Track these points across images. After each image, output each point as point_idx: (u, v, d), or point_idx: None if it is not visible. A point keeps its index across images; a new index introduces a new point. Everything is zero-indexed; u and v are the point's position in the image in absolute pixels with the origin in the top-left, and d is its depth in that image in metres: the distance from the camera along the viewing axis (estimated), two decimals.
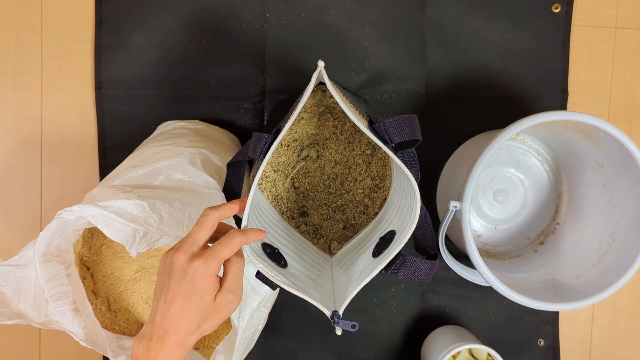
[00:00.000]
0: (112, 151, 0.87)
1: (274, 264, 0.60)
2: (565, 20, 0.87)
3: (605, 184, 0.76)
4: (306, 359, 0.89)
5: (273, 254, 0.62)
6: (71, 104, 0.88)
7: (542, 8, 0.87)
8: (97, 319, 0.69)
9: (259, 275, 0.56)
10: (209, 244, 0.52)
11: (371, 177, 0.78)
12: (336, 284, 0.66)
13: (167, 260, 0.50)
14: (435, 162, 0.86)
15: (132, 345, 0.49)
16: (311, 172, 0.78)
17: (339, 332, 0.57)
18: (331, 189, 0.78)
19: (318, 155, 0.78)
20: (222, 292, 0.50)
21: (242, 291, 0.52)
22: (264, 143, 0.58)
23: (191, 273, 0.48)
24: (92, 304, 0.72)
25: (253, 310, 0.69)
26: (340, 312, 0.58)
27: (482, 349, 0.78)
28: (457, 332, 0.84)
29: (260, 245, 0.61)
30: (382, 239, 0.65)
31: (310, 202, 0.78)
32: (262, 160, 0.57)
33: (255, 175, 0.57)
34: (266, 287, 0.69)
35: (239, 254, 0.53)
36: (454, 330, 0.85)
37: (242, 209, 0.55)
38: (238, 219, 0.62)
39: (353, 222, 0.78)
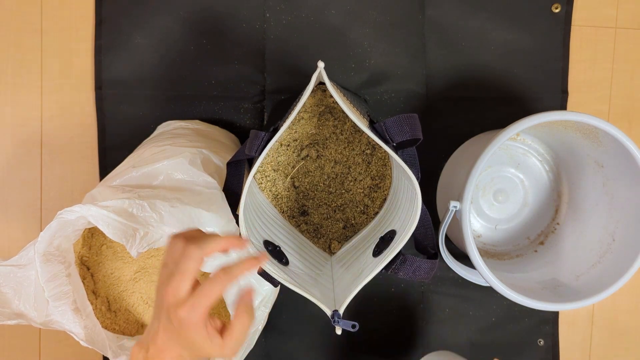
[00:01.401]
0: (112, 151, 0.87)
1: (275, 261, 0.60)
2: (565, 20, 0.87)
3: (605, 184, 0.76)
4: (306, 359, 0.89)
5: (275, 252, 0.62)
6: (71, 104, 0.88)
7: (542, 8, 0.87)
8: (97, 319, 0.69)
9: (261, 271, 0.56)
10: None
11: (371, 177, 0.78)
12: (336, 283, 0.66)
13: (159, 292, 0.48)
14: (435, 162, 0.86)
15: (133, 350, 0.49)
16: (311, 171, 0.78)
17: (338, 331, 0.57)
18: (331, 189, 0.78)
19: (318, 155, 0.78)
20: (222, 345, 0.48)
21: (239, 348, 0.50)
22: (260, 140, 0.58)
23: (177, 323, 0.46)
24: (92, 304, 0.72)
25: None
26: (341, 311, 0.58)
27: None
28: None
29: (262, 243, 0.61)
30: (382, 238, 0.65)
31: (311, 201, 0.78)
32: (259, 157, 0.57)
33: (249, 171, 0.57)
34: (267, 287, 0.69)
35: (247, 308, 0.49)
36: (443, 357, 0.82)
37: (232, 246, 0.50)
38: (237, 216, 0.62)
39: (353, 221, 0.78)
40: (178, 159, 0.67)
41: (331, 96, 0.77)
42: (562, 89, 0.88)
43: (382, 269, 0.60)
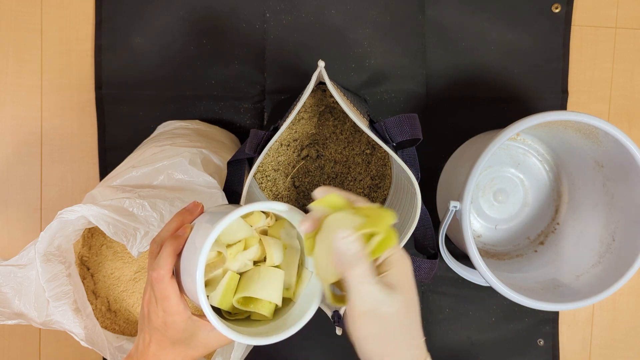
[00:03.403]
0: (112, 151, 0.87)
1: None
2: (565, 20, 0.87)
3: (605, 184, 0.76)
4: (306, 359, 0.89)
5: None
6: (71, 104, 0.88)
7: (542, 8, 0.87)
8: (97, 319, 0.69)
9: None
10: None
11: (371, 177, 0.78)
12: None
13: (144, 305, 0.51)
14: (435, 162, 0.86)
15: None
16: (311, 171, 0.78)
17: (339, 332, 0.57)
18: None
19: (318, 155, 0.78)
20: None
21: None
22: (260, 140, 0.58)
23: (153, 288, 0.49)
24: (92, 304, 0.72)
25: None
26: (342, 312, 0.58)
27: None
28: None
29: None
30: None
31: (311, 201, 0.78)
32: (259, 157, 0.57)
33: (250, 171, 0.57)
34: None
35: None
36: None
37: (184, 222, 0.51)
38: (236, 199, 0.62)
39: None
40: (178, 159, 0.67)
41: (331, 96, 0.77)
42: (562, 89, 0.88)
43: None
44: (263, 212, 0.52)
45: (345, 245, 0.40)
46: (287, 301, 0.54)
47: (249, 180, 0.57)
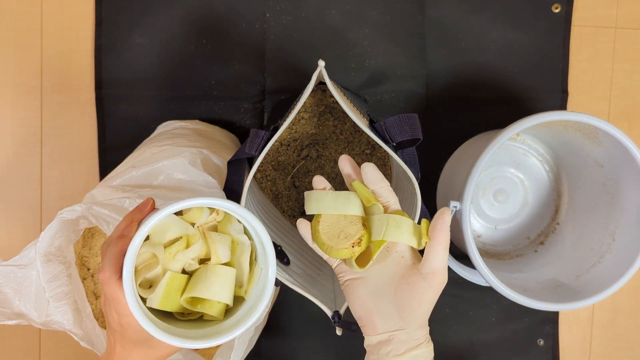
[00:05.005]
0: (112, 151, 0.87)
1: (277, 261, 0.60)
2: (565, 20, 0.87)
3: (605, 184, 0.76)
4: (306, 359, 0.89)
5: (277, 252, 0.62)
6: (71, 104, 0.88)
7: (542, 8, 0.87)
8: (97, 319, 0.69)
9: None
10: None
11: None
12: (337, 283, 0.66)
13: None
14: (435, 162, 0.86)
15: None
16: (311, 171, 0.78)
17: (339, 332, 0.58)
18: None
19: (318, 155, 0.78)
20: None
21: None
22: (261, 139, 0.58)
23: (103, 290, 0.48)
24: (92, 304, 0.72)
25: None
26: (342, 312, 0.58)
27: None
28: None
29: None
30: None
31: None
32: (259, 156, 0.57)
33: (250, 171, 0.57)
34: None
35: None
36: None
37: (135, 221, 0.50)
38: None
39: None
40: (178, 159, 0.67)
41: (331, 96, 0.77)
42: (562, 89, 0.88)
43: None
44: (208, 207, 0.50)
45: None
46: (240, 300, 0.51)
47: (249, 180, 0.57)
